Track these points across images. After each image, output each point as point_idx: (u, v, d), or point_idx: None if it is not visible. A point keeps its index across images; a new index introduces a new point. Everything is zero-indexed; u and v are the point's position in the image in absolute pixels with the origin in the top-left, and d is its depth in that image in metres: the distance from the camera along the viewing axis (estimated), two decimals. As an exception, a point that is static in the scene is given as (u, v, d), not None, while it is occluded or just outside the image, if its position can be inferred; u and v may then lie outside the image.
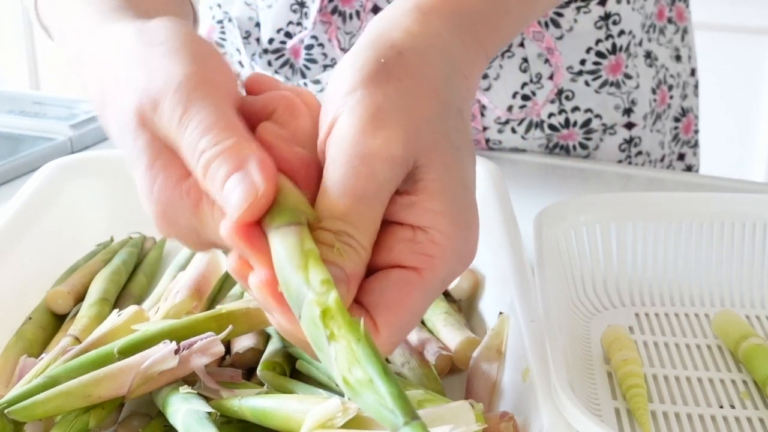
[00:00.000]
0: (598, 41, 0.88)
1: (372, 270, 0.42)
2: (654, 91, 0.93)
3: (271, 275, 0.40)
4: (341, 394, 0.47)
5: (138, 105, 0.43)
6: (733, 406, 0.55)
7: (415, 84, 0.43)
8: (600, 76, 0.89)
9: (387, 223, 0.42)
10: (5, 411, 0.46)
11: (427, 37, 0.46)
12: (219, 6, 0.97)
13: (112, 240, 0.72)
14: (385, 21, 0.47)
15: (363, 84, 0.43)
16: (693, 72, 1.00)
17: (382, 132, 0.41)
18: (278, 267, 0.39)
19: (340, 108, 0.43)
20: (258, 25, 0.93)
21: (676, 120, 0.99)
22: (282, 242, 0.39)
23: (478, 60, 0.49)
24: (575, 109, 0.90)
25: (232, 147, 0.40)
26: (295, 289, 0.38)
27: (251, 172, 0.39)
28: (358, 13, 0.87)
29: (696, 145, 1.02)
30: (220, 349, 0.49)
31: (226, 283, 0.66)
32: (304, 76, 0.91)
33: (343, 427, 0.42)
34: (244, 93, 0.47)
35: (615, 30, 0.88)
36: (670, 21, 0.95)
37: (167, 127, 0.42)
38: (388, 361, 0.49)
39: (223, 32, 0.98)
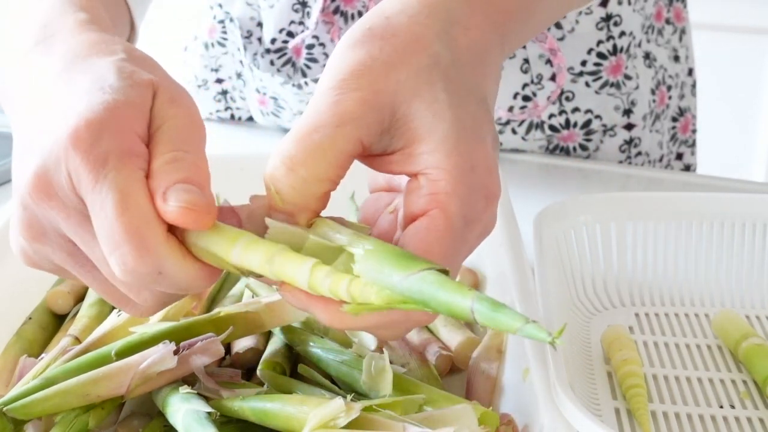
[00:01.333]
0: (599, 42, 0.88)
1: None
2: (653, 92, 0.93)
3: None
4: (342, 394, 0.47)
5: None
6: (733, 406, 0.55)
7: (400, 41, 0.43)
8: (600, 77, 0.89)
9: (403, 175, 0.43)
10: (4, 409, 0.46)
11: (420, 1, 0.46)
12: (220, 6, 0.97)
13: (112, 240, 0.72)
14: None
15: (349, 47, 0.43)
16: (690, 72, 1.00)
17: (359, 81, 0.41)
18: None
19: (326, 71, 0.43)
20: (260, 24, 0.93)
21: (674, 120, 0.99)
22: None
23: (486, 15, 0.48)
24: (575, 110, 0.90)
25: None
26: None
27: None
28: (360, 13, 0.87)
29: (693, 144, 1.02)
30: (220, 350, 0.49)
31: (225, 283, 0.65)
32: (305, 75, 0.91)
33: (346, 427, 0.42)
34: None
35: (616, 31, 0.88)
36: (668, 22, 0.95)
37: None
38: (391, 362, 0.49)
39: (224, 32, 0.98)
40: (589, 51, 0.88)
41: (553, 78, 0.87)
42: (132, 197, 0.40)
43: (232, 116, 1.03)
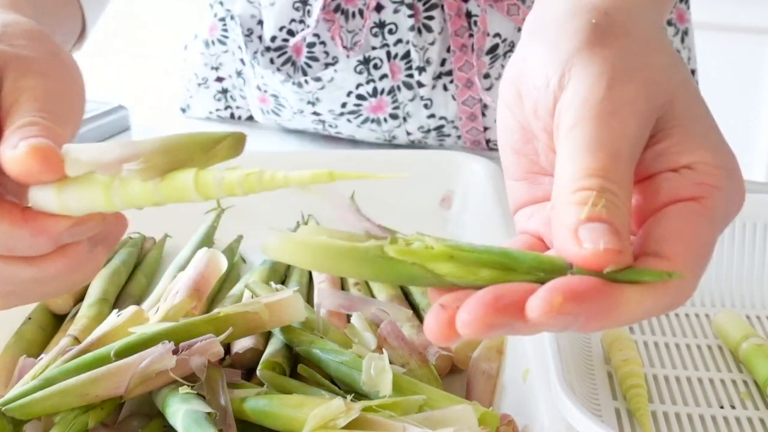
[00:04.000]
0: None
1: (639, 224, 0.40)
2: (654, 92, 0.93)
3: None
4: (342, 394, 0.47)
5: None
6: (733, 406, 0.55)
7: (636, 40, 0.42)
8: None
9: (640, 181, 0.41)
10: (3, 409, 0.46)
11: None
12: (221, 4, 0.97)
13: (111, 239, 0.72)
14: None
15: (586, 46, 0.41)
16: (692, 73, 1.00)
17: (626, 88, 0.40)
18: None
19: (566, 72, 0.41)
20: (260, 22, 0.93)
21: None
22: None
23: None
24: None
25: None
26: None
27: None
28: (361, 11, 0.87)
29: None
30: (219, 350, 0.49)
31: (225, 283, 0.66)
32: (305, 73, 0.91)
33: (346, 427, 0.42)
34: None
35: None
36: (670, 23, 0.95)
37: None
38: (391, 362, 0.49)
39: (225, 30, 0.98)
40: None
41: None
42: None
43: (232, 115, 1.03)
